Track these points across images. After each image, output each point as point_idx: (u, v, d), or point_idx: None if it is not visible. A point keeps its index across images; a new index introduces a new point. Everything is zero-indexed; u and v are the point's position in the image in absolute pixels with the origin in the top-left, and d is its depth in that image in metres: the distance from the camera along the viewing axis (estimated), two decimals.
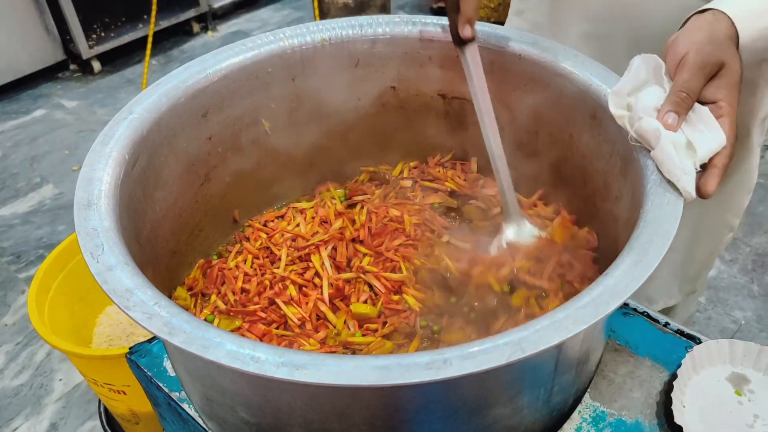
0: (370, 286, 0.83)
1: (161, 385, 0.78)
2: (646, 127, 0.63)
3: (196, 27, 3.54)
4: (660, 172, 0.62)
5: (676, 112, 0.62)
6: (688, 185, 0.60)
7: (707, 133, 0.62)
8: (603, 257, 0.79)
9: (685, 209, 0.59)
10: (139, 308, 0.52)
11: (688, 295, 1.17)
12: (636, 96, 0.66)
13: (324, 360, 0.48)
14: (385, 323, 0.79)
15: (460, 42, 0.77)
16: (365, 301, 0.81)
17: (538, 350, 0.48)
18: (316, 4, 2.83)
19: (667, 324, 0.80)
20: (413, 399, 0.56)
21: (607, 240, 0.78)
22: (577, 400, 0.72)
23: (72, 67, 3.27)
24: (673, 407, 0.69)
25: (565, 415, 0.71)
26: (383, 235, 0.88)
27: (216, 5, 3.60)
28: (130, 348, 0.82)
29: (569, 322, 0.50)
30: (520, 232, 0.81)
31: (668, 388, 0.72)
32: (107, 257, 0.57)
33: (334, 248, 0.86)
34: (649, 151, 0.63)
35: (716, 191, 0.61)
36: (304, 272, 0.84)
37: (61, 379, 1.82)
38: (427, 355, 0.48)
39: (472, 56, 0.77)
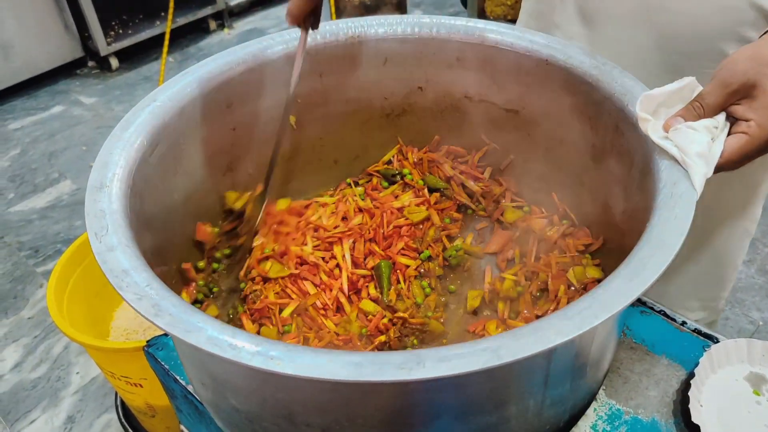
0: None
1: (178, 378, 0.79)
2: (694, 147, 0.61)
3: (212, 24, 3.56)
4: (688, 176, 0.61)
5: (683, 117, 0.63)
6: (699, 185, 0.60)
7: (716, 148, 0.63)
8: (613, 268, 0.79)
9: (705, 219, 0.57)
10: (132, 289, 0.54)
11: (708, 310, 1.14)
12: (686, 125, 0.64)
13: (300, 352, 0.48)
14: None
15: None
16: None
17: (516, 359, 0.46)
18: (332, 2, 2.83)
19: (684, 323, 0.80)
20: (418, 393, 0.56)
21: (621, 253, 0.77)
22: (588, 403, 0.72)
23: (90, 63, 3.30)
24: (690, 406, 0.68)
25: (578, 414, 0.71)
26: (392, 237, 0.89)
27: (232, 3, 3.62)
28: (147, 341, 0.83)
29: (552, 332, 0.48)
30: None
31: (685, 387, 0.71)
32: (110, 238, 0.58)
33: (354, 242, 0.87)
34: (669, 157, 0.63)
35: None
36: (328, 261, 0.85)
37: (78, 373, 1.84)
38: (402, 355, 0.47)
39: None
